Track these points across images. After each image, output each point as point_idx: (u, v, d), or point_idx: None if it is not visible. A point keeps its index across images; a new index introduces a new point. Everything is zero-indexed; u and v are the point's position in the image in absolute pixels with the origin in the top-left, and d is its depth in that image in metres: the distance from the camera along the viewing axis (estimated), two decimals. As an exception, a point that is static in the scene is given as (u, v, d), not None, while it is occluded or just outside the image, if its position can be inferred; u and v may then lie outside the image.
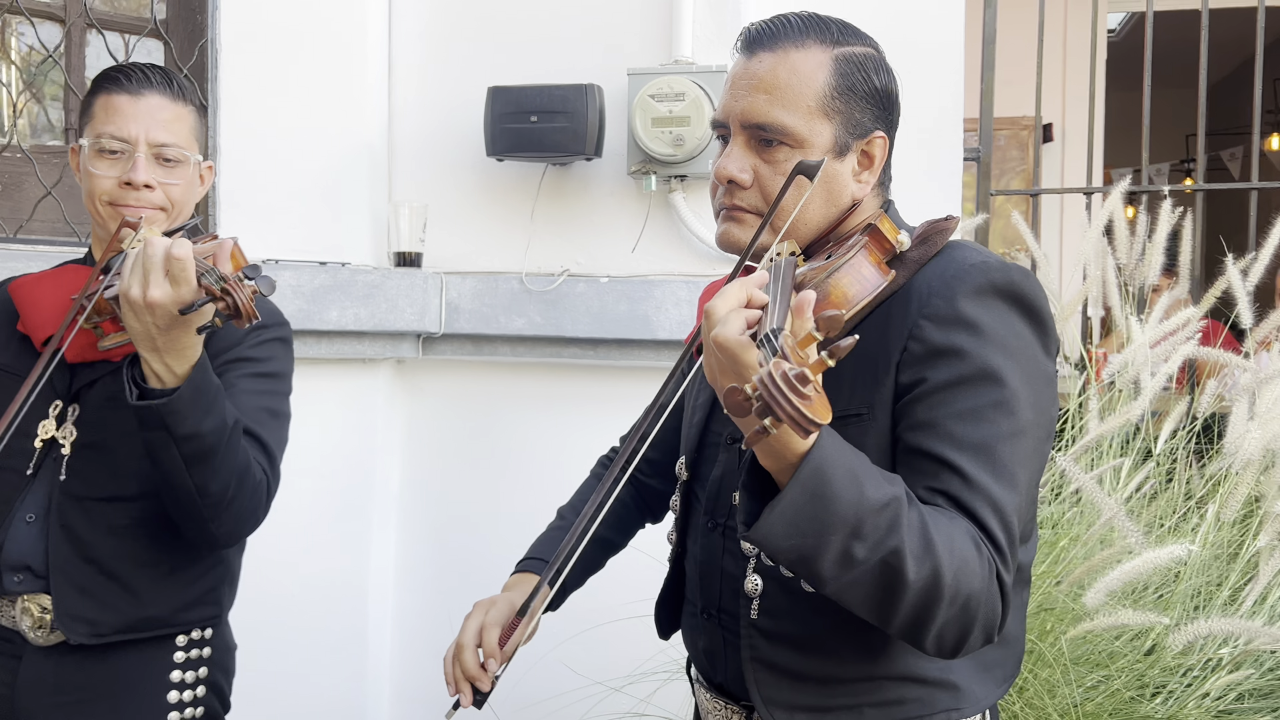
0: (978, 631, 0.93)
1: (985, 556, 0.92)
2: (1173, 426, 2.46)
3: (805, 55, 1.04)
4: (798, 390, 0.71)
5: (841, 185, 1.06)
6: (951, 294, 0.97)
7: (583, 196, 2.42)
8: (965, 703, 1.06)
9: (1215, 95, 7.63)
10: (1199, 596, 2.20)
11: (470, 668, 1.16)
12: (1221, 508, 2.28)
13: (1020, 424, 0.95)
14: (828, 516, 0.85)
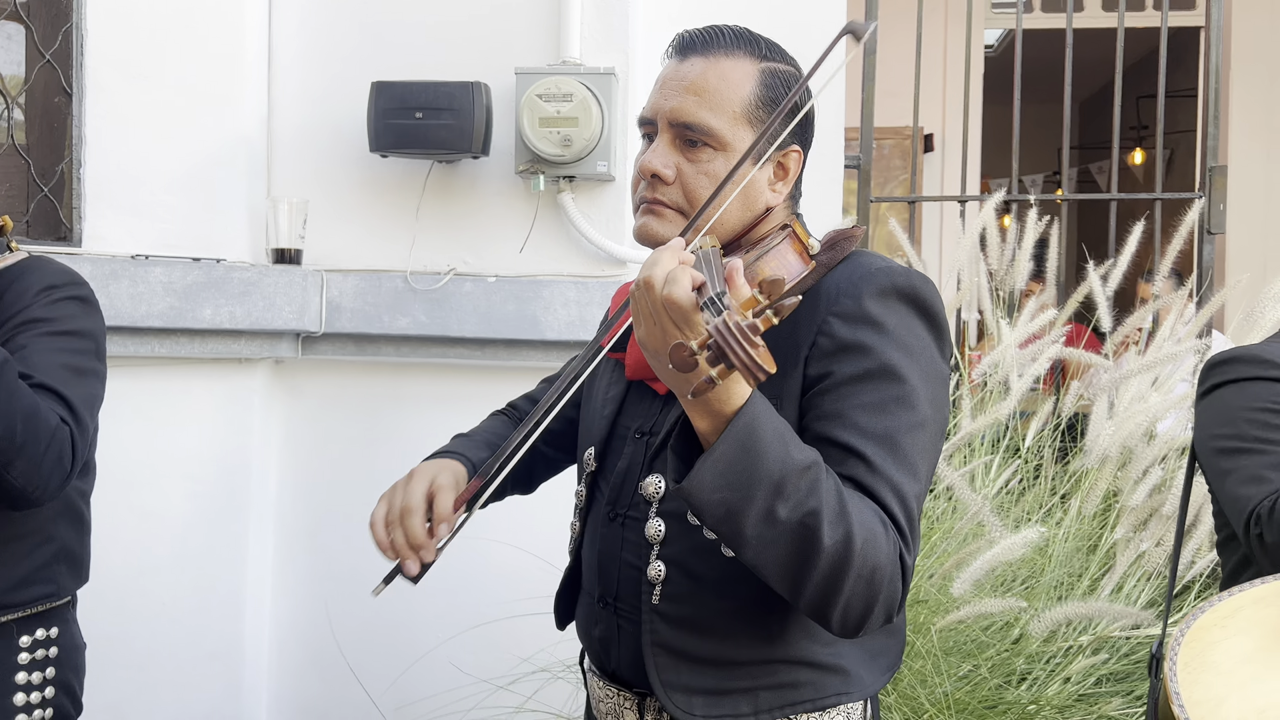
0: (880, 608, 0.97)
1: (890, 535, 0.96)
2: (1039, 425, 2.58)
3: (735, 64, 1.11)
4: (749, 339, 0.77)
5: (757, 192, 1.12)
6: (859, 294, 1.03)
7: (470, 195, 2.39)
8: (854, 687, 1.10)
9: (1086, 111, 8.02)
10: (1061, 587, 2.31)
11: (417, 533, 1.09)
12: (1083, 502, 2.40)
13: (920, 418, 1.01)
14: (755, 471, 0.90)
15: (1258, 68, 5.19)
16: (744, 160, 1.05)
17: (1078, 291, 2.63)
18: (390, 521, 1.12)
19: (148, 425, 2.26)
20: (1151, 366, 2.25)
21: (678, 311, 0.88)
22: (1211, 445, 1.44)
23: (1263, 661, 1.15)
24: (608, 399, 1.24)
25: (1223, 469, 1.40)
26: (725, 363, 0.78)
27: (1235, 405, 1.42)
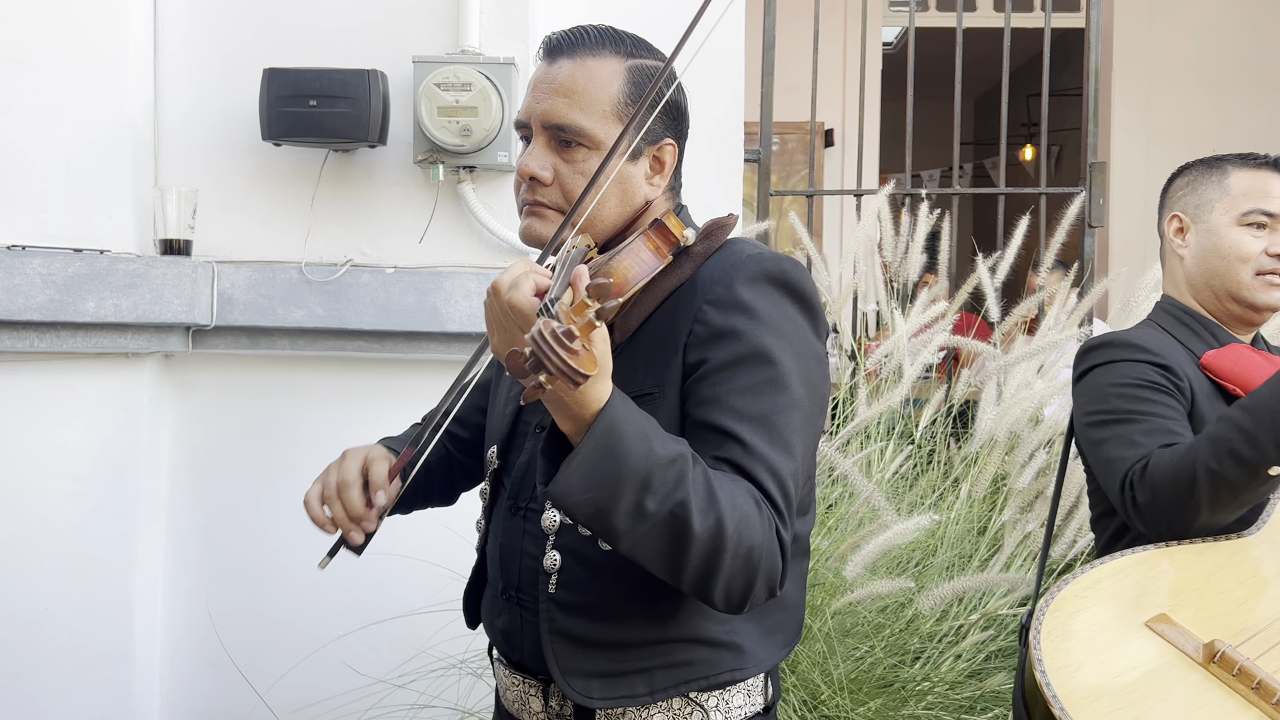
0: (761, 584, 1.00)
1: (765, 514, 0.99)
2: (932, 412, 2.66)
3: (601, 64, 1.13)
4: (564, 345, 0.80)
5: (635, 187, 1.15)
6: (730, 281, 1.06)
7: (367, 184, 2.36)
8: (748, 663, 1.13)
9: (982, 108, 8.26)
10: (953, 568, 2.39)
11: (356, 504, 1.12)
12: (972, 486, 2.48)
13: (793, 398, 1.05)
14: (620, 470, 0.92)
15: (1138, 68, 5.43)
16: (610, 156, 1.07)
17: (967, 283, 2.72)
18: (328, 497, 1.14)
19: (28, 424, 2.17)
20: (1035, 354, 2.34)
21: (521, 317, 0.91)
22: (1085, 421, 1.51)
23: (1117, 629, 1.22)
24: (510, 397, 1.26)
25: (1095, 439, 1.47)
26: (543, 369, 0.80)
27: (1106, 384, 1.49)
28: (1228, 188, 1.57)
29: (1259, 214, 1.54)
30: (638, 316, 1.10)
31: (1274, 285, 1.53)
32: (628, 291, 1.02)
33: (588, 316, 0.82)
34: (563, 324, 0.81)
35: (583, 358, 0.81)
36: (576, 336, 0.81)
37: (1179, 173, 1.67)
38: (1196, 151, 4.96)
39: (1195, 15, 5.42)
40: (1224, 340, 1.56)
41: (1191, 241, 1.61)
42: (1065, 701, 1.15)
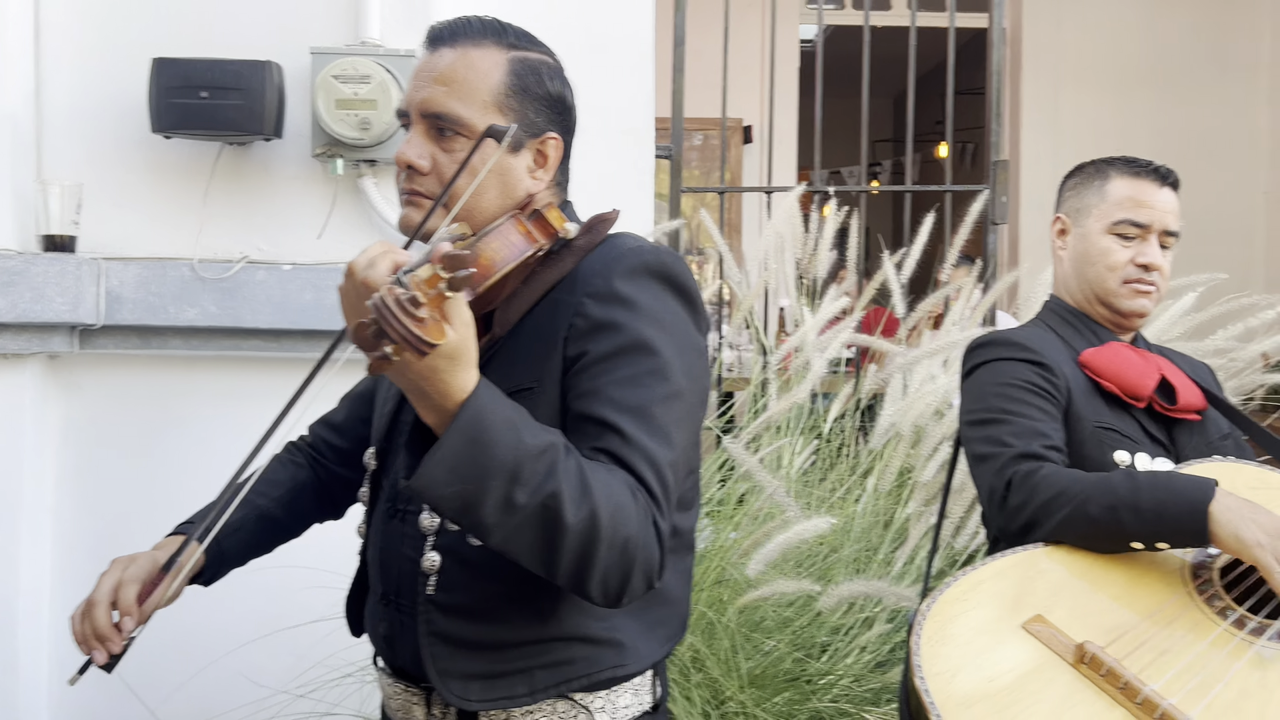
0: (638, 575, 0.99)
1: (641, 503, 0.99)
2: (840, 407, 2.69)
3: (482, 54, 1.12)
4: (408, 311, 0.79)
5: (516, 179, 1.13)
6: (609, 274, 1.06)
7: (263, 179, 2.29)
8: (630, 659, 1.12)
9: (901, 105, 8.40)
10: (859, 561, 2.42)
11: (102, 625, 1.13)
12: (879, 480, 2.52)
13: (673, 389, 1.04)
14: (487, 461, 0.90)
15: (1046, 68, 5.56)
16: (477, 146, 1.06)
17: (874, 279, 2.75)
18: (83, 614, 1.15)
19: (-102, 428, 2.07)
20: (937, 350, 2.38)
21: (371, 292, 0.90)
22: (965, 419, 1.53)
23: (995, 633, 1.24)
24: (389, 396, 1.24)
25: (969, 437, 1.50)
26: (385, 337, 0.79)
27: (987, 383, 1.52)
28: (1105, 194, 1.60)
29: (1128, 224, 1.57)
30: (518, 310, 1.09)
31: (1140, 293, 1.56)
32: (495, 273, 1.00)
33: (439, 288, 0.80)
34: (408, 291, 0.79)
35: (429, 326, 0.79)
36: (422, 304, 0.79)
37: (1070, 174, 1.69)
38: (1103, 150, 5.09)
39: (1102, 17, 5.57)
40: (1105, 339, 1.59)
41: (1069, 244, 1.65)
42: (942, 708, 1.16)
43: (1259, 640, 1.22)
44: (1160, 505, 1.27)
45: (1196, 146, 5.51)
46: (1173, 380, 1.53)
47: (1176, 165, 5.42)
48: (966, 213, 2.77)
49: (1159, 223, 1.57)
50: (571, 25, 2.50)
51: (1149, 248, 1.57)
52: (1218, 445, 1.54)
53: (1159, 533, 1.27)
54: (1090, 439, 1.49)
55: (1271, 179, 5.58)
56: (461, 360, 0.90)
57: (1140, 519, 1.27)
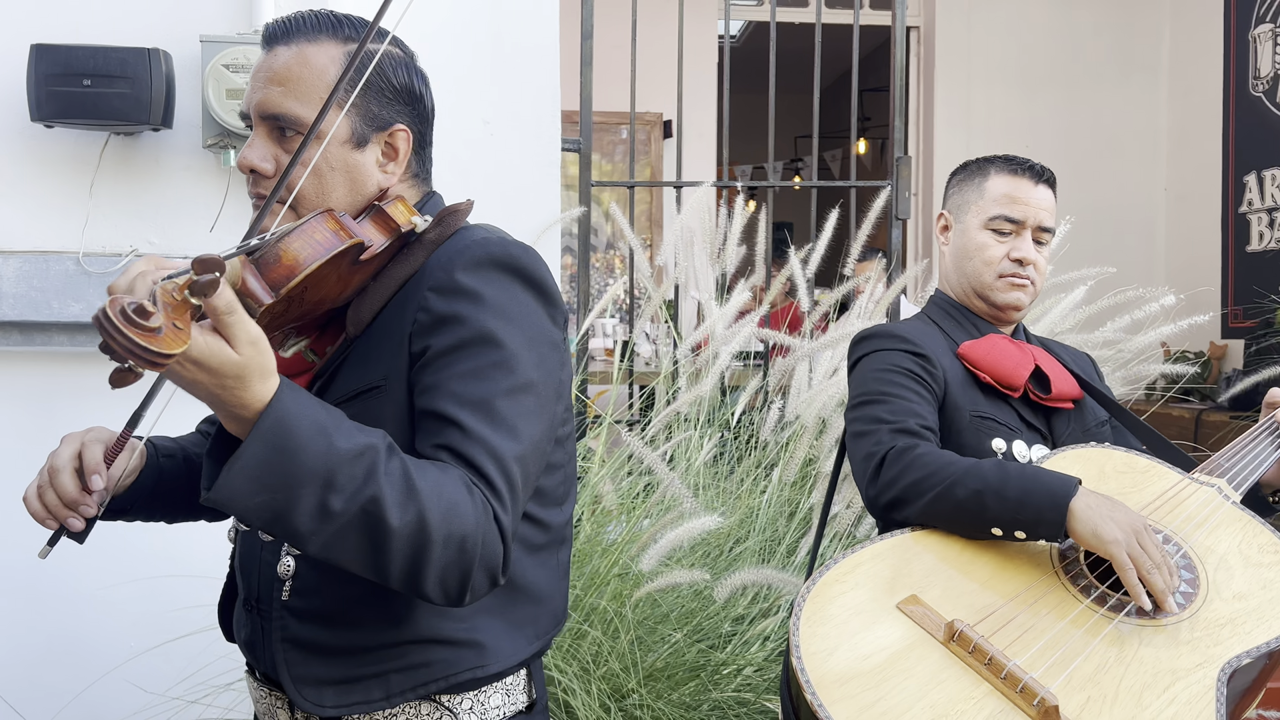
0: (479, 573, 0.97)
1: (479, 499, 0.96)
2: (748, 399, 2.71)
3: (318, 50, 1.08)
4: (134, 322, 0.73)
5: (365, 175, 1.11)
6: (452, 267, 1.04)
7: (153, 170, 2.23)
8: (491, 659, 1.10)
9: (825, 101, 8.50)
10: (764, 551, 2.44)
11: (69, 490, 1.05)
12: (784, 470, 2.55)
13: (521, 381, 1.02)
14: (295, 469, 0.87)
15: (958, 66, 5.68)
16: (307, 140, 1.02)
17: (781, 273, 2.78)
18: (41, 486, 1.07)
19: None
20: (837, 340, 2.41)
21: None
22: (849, 404, 1.57)
23: (871, 613, 1.26)
24: None
25: (850, 418, 1.54)
26: (111, 351, 0.74)
27: (869, 370, 1.55)
28: (984, 191, 1.64)
29: (1004, 220, 1.61)
30: (370, 309, 1.07)
31: (1015, 286, 1.61)
32: (299, 272, 0.96)
33: (185, 295, 0.77)
34: (134, 300, 0.75)
35: (164, 336, 0.75)
36: (150, 312, 0.74)
37: (955, 171, 1.73)
38: (1013, 147, 5.20)
39: (1011, 16, 5.70)
40: (984, 331, 1.63)
41: (951, 239, 1.69)
42: (817, 686, 1.18)
43: (1117, 617, 1.26)
44: (1025, 494, 1.30)
45: (1101, 143, 5.68)
46: (1047, 370, 1.57)
47: (1082, 162, 5.61)
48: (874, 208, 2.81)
49: (1033, 219, 1.61)
50: (477, 18, 2.49)
51: (1023, 243, 1.61)
52: (1094, 432, 1.59)
53: (1019, 520, 1.30)
54: (968, 428, 1.52)
55: (1171, 175, 5.78)
56: (249, 376, 0.85)
57: (1004, 505, 1.30)
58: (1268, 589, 1.29)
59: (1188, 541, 1.35)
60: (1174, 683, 1.19)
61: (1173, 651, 1.22)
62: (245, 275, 0.91)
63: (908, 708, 1.16)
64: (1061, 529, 1.29)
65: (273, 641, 1.08)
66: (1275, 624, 1.24)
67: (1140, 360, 2.45)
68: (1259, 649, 1.22)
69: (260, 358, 0.86)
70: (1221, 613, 1.26)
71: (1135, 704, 1.17)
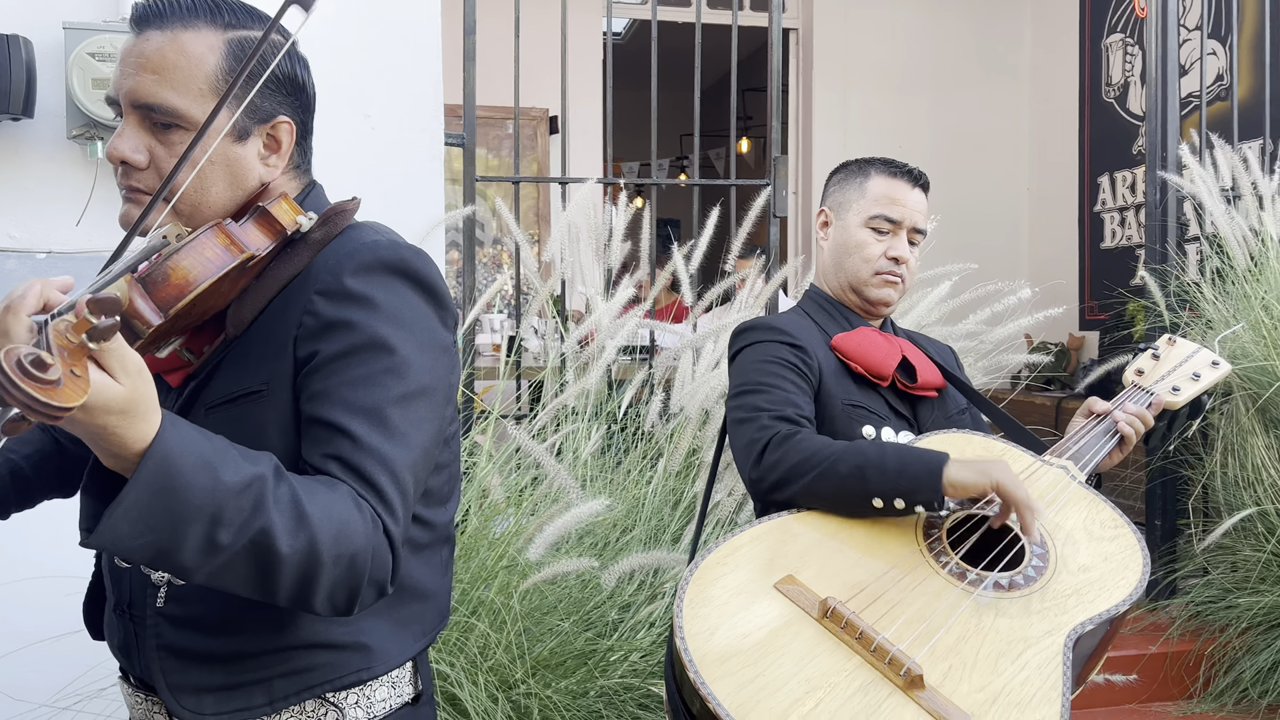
0: (368, 588, 0.96)
1: (368, 514, 0.96)
2: (634, 392, 2.76)
3: (195, 36, 1.03)
4: (32, 376, 0.69)
5: (246, 168, 1.06)
6: (341, 271, 1.01)
7: (14, 161, 2.13)
8: (377, 661, 1.10)
9: (706, 100, 8.63)
10: (650, 540, 2.49)
11: None
12: (669, 460, 2.60)
13: (412, 387, 1.01)
14: (180, 508, 0.85)
15: (835, 68, 5.86)
16: (198, 139, 0.97)
17: (665, 269, 2.83)
18: None
19: None
20: (717, 332, 2.48)
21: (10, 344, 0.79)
22: (729, 394, 1.63)
23: (750, 593, 1.32)
24: None
25: (731, 408, 1.60)
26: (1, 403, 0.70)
27: (748, 362, 1.62)
28: (865, 190, 1.73)
29: (883, 219, 1.70)
30: (252, 309, 1.04)
31: (889, 284, 1.70)
32: (189, 292, 0.93)
33: (81, 339, 0.72)
34: (31, 350, 0.70)
35: (62, 388, 0.70)
36: (49, 364, 0.70)
37: (835, 171, 1.81)
38: (886, 147, 5.39)
39: (884, 20, 5.92)
40: (855, 324, 1.72)
41: (831, 235, 1.77)
42: (699, 665, 1.23)
43: (976, 590, 1.35)
44: (903, 465, 1.40)
45: (969, 144, 5.95)
46: (913, 361, 1.67)
47: (951, 162, 5.84)
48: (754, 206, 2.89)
49: (910, 220, 1.71)
50: (359, 10, 2.46)
51: (899, 243, 1.70)
52: (955, 418, 1.69)
53: (899, 488, 1.39)
54: (840, 415, 1.60)
55: (1033, 176, 6.09)
56: (134, 412, 0.81)
57: (884, 476, 1.39)
58: (1109, 561, 1.40)
59: (1039, 519, 1.45)
60: (1026, 649, 1.28)
61: (1025, 621, 1.32)
62: (133, 296, 0.87)
63: (785, 681, 1.22)
64: (939, 492, 1.38)
65: (147, 649, 1.05)
66: (1115, 593, 1.35)
67: (1000, 351, 2.59)
68: (1100, 616, 1.32)
69: (144, 391, 0.82)
70: (1068, 584, 1.37)
71: (991, 670, 1.26)
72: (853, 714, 1.19)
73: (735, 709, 1.18)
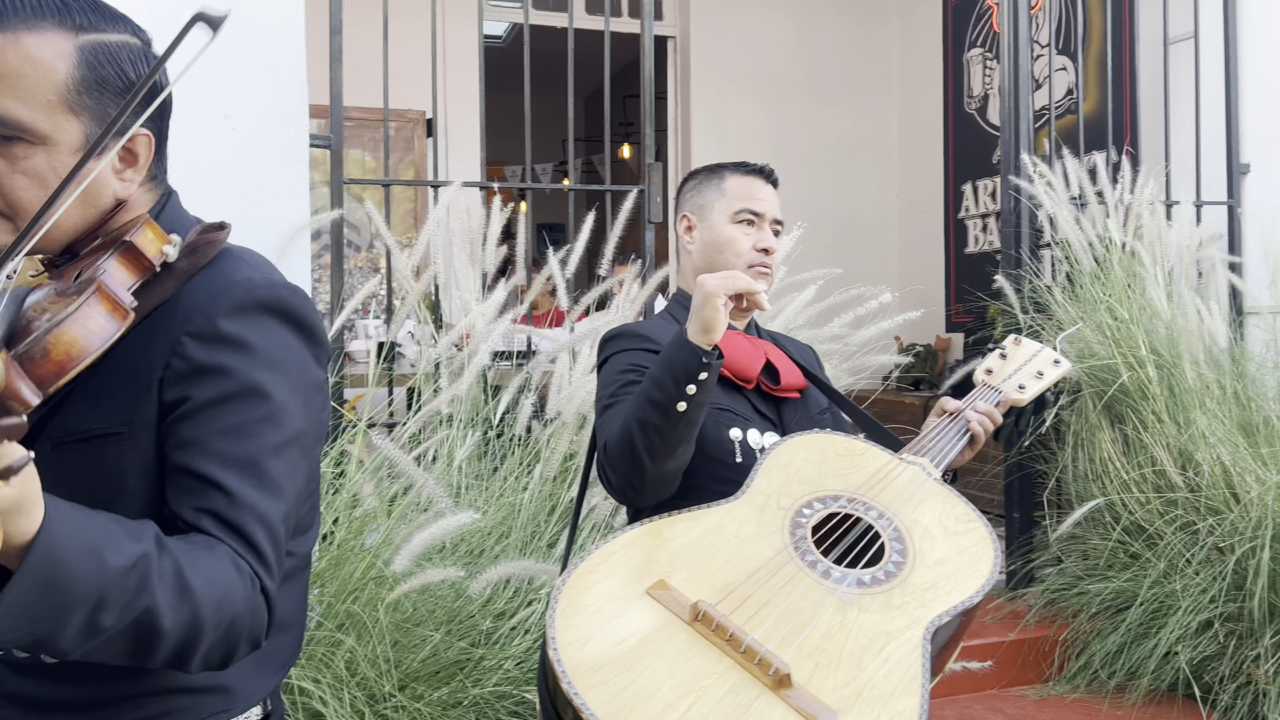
0: (244, 645, 0.94)
1: (247, 574, 0.92)
2: (510, 398, 2.74)
3: (41, 41, 0.93)
4: None
5: (100, 185, 0.98)
6: (215, 311, 0.95)
7: None
8: (236, 701, 1.06)
9: (590, 106, 8.63)
10: (527, 546, 2.48)
11: None
12: (545, 466, 2.59)
13: (288, 435, 0.97)
14: (65, 599, 0.80)
15: (712, 76, 5.95)
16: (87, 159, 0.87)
17: (540, 274, 2.82)
18: None
19: None
20: (586, 336, 2.48)
21: None
22: (596, 407, 1.63)
23: (623, 599, 1.31)
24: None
25: (597, 424, 1.61)
26: None
27: (613, 371, 1.63)
28: (724, 190, 1.77)
29: (748, 213, 1.75)
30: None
31: (762, 275, 1.75)
32: (72, 368, 0.86)
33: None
34: None
35: None
36: None
37: (687, 179, 1.85)
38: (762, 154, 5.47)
39: (759, 30, 6.04)
40: (723, 327, 1.74)
41: (697, 237, 1.79)
42: (572, 675, 1.22)
43: (840, 587, 1.38)
44: (662, 364, 1.44)
45: (841, 152, 6.13)
46: (777, 363, 1.70)
47: (825, 169, 6.01)
48: (635, 211, 2.91)
49: (770, 212, 1.77)
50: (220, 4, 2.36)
51: (766, 234, 1.76)
52: (817, 419, 1.73)
53: (675, 377, 1.42)
54: (708, 419, 1.62)
55: (902, 183, 6.32)
56: (18, 510, 0.76)
57: (660, 385, 1.42)
58: (963, 554, 1.45)
59: (898, 515, 1.49)
60: (888, 643, 1.32)
61: (886, 616, 1.36)
62: (10, 376, 0.79)
63: (657, 687, 1.22)
64: (696, 350, 1.42)
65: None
66: (969, 585, 1.41)
67: (864, 352, 2.68)
68: (956, 608, 1.37)
69: (30, 488, 0.77)
70: (926, 578, 1.41)
71: (855, 666, 1.29)
72: (723, 716, 1.20)
73: (609, 717, 1.18)
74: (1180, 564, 2.80)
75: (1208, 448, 2.87)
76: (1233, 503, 2.80)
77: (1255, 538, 2.67)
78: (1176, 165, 3.63)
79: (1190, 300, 3.11)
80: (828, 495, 1.52)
